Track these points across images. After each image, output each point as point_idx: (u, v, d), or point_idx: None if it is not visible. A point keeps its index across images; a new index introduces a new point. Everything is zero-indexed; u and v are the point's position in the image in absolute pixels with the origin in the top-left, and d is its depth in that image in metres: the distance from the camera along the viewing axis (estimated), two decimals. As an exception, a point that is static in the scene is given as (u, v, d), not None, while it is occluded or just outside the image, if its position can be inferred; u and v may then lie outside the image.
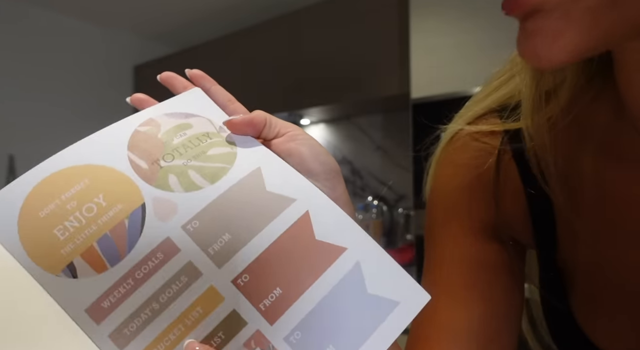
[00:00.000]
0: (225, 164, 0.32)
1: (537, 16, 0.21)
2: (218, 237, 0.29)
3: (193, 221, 0.29)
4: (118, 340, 0.25)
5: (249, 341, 0.27)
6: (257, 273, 0.28)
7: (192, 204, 0.30)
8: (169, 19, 2.46)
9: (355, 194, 2.21)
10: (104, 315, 0.26)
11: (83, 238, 0.27)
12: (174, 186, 0.30)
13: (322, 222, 0.30)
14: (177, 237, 0.28)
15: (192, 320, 0.26)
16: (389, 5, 1.70)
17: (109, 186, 0.29)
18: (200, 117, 0.34)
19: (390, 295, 0.29)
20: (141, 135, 0.32)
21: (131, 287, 0.27)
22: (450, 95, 1.39)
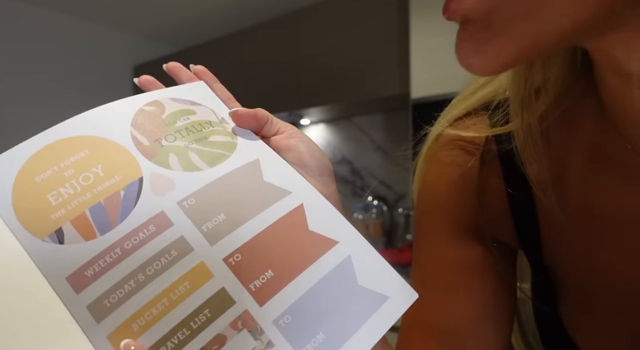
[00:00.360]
0: (225, 151, 0.32)
1: (467, 25, 0.22)
2: (213, 216, 0.29)
3: (189, 199, 0.29)
4: (96, 312, 0.24)
5: (235, 321, 0.26)
6: (249, 254, 0.28)
7: (189, 183, 0.30)
8: (169, 18, 2.46)
9: (355, 194, 2.21)
10: (85, 284, 0.25)
11: (75, 205, 0.27)
12: (173, 165, 0.30)
13: (315, 216, 0.31)
14: (172, 212, 0.28)
15: (177, 294, 0.26)
16: (389, 5, 1.70)
17: (109, 158, 0.29)
18: (204, 106, 0.35)
19: (380, 290, 0.29)
20: (145, 114, 0.32)
21: (118, 257, 0.26)
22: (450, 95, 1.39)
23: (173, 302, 0.25)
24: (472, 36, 0.22)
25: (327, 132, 2.32)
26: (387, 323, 0.28)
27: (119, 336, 0.24)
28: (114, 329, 0.24)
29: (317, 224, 0.31)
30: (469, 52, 0.22)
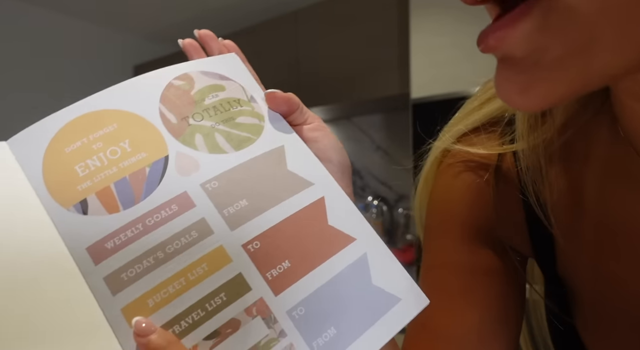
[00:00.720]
0: (252, 135, 0.32)
1: (509, 63, 0.20)
2: (235, 201, 0.29)
3: (212, 181, 0.29)
4: (113, 284, 0.25)
5: (250, 307, 0.26)
6: (268, 242, 0.28)
7: (214, 165, 0.30)
8: (169, 18, 2.46)
9: (355, 194, 2.21)
10: (104, 255, 0.25)
11: (101, 178, 0.27)
12: (199, 145, 0.30)
13: (335, 211, 0.31)
14: (195, 193, 0.28)
15: (195, 275, 0.26)
16: (389, 5, 1.70)
17: (137, 133, 0.29)
18: (234, 82, 0.34)
19: (393, 291, 0.29)
20: (174, 89, 0.32)
21: (139, 233, 0.26)
22: (450, 95, 1.39)
23: (190, 282, 0.26)
24: (517, 76, 0.20)
25: (327, 132, 2.32)
26: (397, 325, 0.28)
27: (133, 310, 0.24)
28: (128, 302, 0.24)
29: (336, 219, 0.31)
30: (513, 92, 0.21)
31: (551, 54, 0.19)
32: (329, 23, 1.88)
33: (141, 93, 0.31)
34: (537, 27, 0.18)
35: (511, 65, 0.20)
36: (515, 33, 0.19)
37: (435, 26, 1.46)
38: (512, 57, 0.20)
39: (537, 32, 0.18)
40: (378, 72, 1.74)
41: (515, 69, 0.20)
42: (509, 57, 0.20)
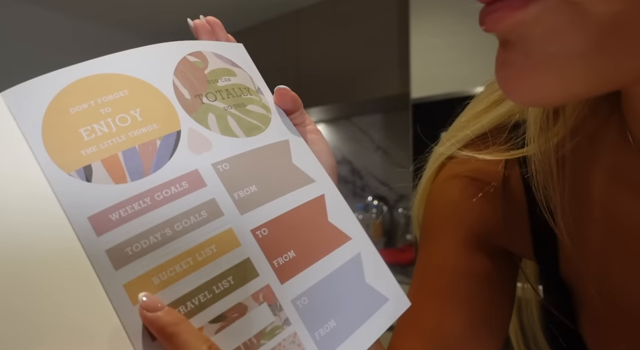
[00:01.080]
0: (261, 124, 0.32)
1: (507, 47, 0.19)
2: (245, 185, 0.28)
3: (224, 163, 0.28)
4: (116, 258, 0.23)
5: (257, 293, 0.26)
6: (275, 230, 0.28)
7: (226, 147, 0.29)
8: (169, 18, 2.46)
9: (355, 194, 2.21)
10: (108, 227, 0.23)
11: (109, 145, 0.25)
12: (211, 125, 0.29)
13: (333, 209, 0.31)
14: (206, 173, 0.27)
15: (204, 256, 0.25)
16: (389, 5, 1.70)
17: (149, 103, 0.28)
18: (243, 70, 0.34)
19: (382, 291, 0.30)
20: (189, 64, 0.31)
21: (147, 206, 0.24)
22: (450, 95, 1.39)
23: (198, 262, 0.25)
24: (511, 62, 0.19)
25: (327, 132, 2.32)
26: (385, 323, 0.29)
27: (137, 287, 0.23)
28: (132, 278, 0.23)
29: (335, 217, 0.31)
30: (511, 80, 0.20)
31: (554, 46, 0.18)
32: (329, 23, 1.88)
33: (155, 62, 0.30)
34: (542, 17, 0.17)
35: (510, 48, 0.19)
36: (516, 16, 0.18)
37: (435, 26, 1.46)
38: (509, 40, 0.19)
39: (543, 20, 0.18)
40: (378, 72, 1.74)
41: (512, 52, 0.19)
42: (507, 40, 0.19)
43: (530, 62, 0.18)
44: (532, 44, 0.18)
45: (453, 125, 0.40)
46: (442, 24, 1.44)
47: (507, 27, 0.18)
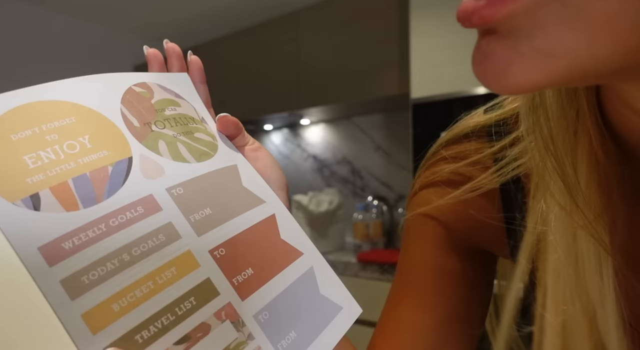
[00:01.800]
0: (210, 150, 0.33)
1: (491, 38, 0.19)
2: (200, 208, 0.29)
3: (178, 187, 0.29)
4: (72, 288, 0.22)
5: (219, 311, 0.26)
6: (232, 250, 0.29)
7: (178, 172, 0.30)
8: (169, 18, 2.46)
9: (355, 194, 2.21)
10: (61, 257, 0.22)
11: (57, 172, 0.24)
12: (163, 151, 0.30)
13: (284, 227, 0.33)
14: (161, 197, 0.27)
15: (164, 279, 0.25)
16: (389, 5, 1.70)
17: (97, 131, 0.27)
18: (187, 102, 0.35)
19: (336, 300, 0.33)
20: (135, 94, 0.31)
21: (102, 233, 0.24)
22: (450, 95, 1.39)
23: (159, 286, 0.24)
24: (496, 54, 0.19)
25: (327, 132, 2.32)
26: (342, 329, 0.31)
27: (96, 316, 0.22)
28: (91, 307, 0.22)
29: (286, 234, 0.33)
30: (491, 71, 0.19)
31: (535, 43, 0.17)
32: (329, 23, 1.88)
33: (102, 91, 0.30)
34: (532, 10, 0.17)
35: (495, 40, 0.19)
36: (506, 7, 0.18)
37: (435, 26, 1.46)
38: (496, 31, 0.19)
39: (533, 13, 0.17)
40: (378, 72, 1.74)
41: (498, 44, 0.19)
42: (493, 31, 0.19)
43: (517, 55, 0.18)
44: (522, 37, 0.18)
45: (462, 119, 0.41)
46: (442, 24, 1.44)
47: (495, 20, 0.18)
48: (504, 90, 0.19)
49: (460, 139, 0.38)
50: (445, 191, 0.38)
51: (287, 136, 2.49)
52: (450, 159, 0.38)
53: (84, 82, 0.29)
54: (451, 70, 1.41)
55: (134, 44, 2.71)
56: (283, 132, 2.51)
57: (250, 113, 2.13)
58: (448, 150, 0.38)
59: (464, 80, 1.37)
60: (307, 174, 2.40)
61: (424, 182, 0.40)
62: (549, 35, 0.17)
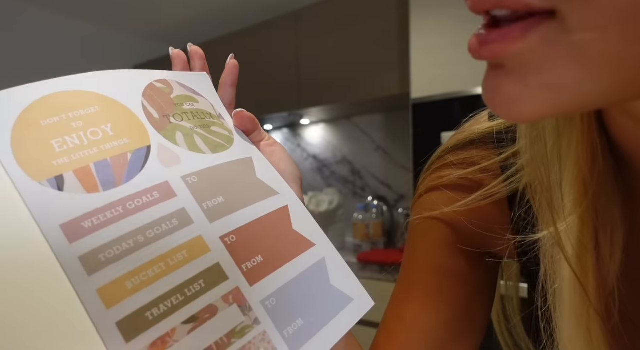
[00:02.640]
0: (225, 143, 0.34)
1: (499, 72, 0.20)
2: (213, 197, 0.30)
3: (193, 176, 0.30)
4: (89, 264, 0.23)
5: (227, 295, 0.27)
6: (243, 237, 0.30)
7: (193, 162, 0.31)
8: (169, 18, 2.46)
9: (355, 194, 2.21)
10: (80, 234, 0.24)
11: (81, 156, 0.26)
12: (180, 142, 0.31)
13: (297, 218, 0.34)
14: (176, 184, 0.29)
15: (175, 261, 0.26)
16: (389, 5, 1.70)
17: (119, 120, 0.29)
18: (205, 99, 0.37)
19: (347, 292, 0.33)
20: (156, 89, 0.33)
21: (119, 215, 0.25)
22: (450, 95, 1.39)
23: (170, 267, 0.26)
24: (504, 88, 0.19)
25: (327, 132, 2.32)
26: (351, 321, 0.31)
27: (110, 291, 0.23)
28: (106, 283, 0.23)
29: (299, 225, 0.34)
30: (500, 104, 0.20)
31: (543, 78, 0.18)
32: (329, 23, 1.88)
33: (125, 84, 0.32)
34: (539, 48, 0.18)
35: (503, 75, 0.20)
36: (516, 46, 0.18)
37: (435, 26, 1.46)
38: (503, 65, 0.19)
39: (540, 51, 0.18)
40: (378, 72, 1.74)
41: (506, 79, 0.19)
42: (501, 65, 0.20)
43: (527, 90, 0.19)
44: (529, 73, 0.19)
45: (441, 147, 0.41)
46: (442, 24, 1.44)
47: (504, 55, 0.19)
48: (512, 120, 0.20)
49: (467, 145, 0.38)
50: (452, 196, 0.38)
51: (287, 136, 2.49)
52: (457, 164, 0.38)
53: (108, 76, 0.31)
54: (451, 70, 1.41)
55: (134, 44, 2.71)
56: (283, 132, 2.51)
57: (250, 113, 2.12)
58: (455, 156, 0.39)
59: (464, 80, 1.37)
60: (307, 174, 2.40)
61: (430, 186, 0.40)
62: (556, 71, 0.18)
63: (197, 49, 0.39)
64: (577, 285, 0.28)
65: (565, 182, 0.28)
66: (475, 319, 0.40)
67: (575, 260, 0.28)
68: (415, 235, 0.41)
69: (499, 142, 0.36)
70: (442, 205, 0.38)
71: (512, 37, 0.18)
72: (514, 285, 0.44)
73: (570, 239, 0.29)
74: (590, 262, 0.28)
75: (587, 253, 0.28)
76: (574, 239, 0.28)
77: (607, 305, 0.29)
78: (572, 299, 0.29)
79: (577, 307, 0.29)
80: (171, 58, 0.38)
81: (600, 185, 0.28)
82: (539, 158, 0.30)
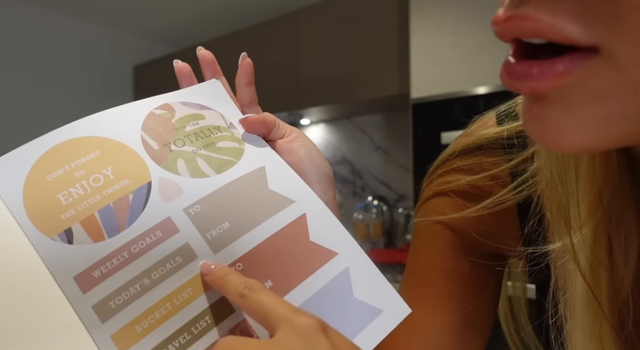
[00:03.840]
0: (233, 158, 0.33)
1: (543, 102, 0.19)
2: (217, 224, 0.29)
3: (195, 206, 0.30)
4: (101, 313, 0.25)
5: (234, 328, 0.27)
6: (251, 263, 0.29)
7: (196, 189, 0.30)
8: (169, 18, 2.46)
9: (355, 194, 2.21)
10: (92, 284, 0.25)
11: (85, 206, 0.27)
12: (181, 170, 0.31)
13: (317, 226, 0.32)
14: (178, 218, 0.29)
15: (181, 300, 0.26)
16: (389, 5, 1.70)
17: (119, 161, 0.30)
18: (214, 111, 0.35)
19: (374, 303, 0.30)
20: (156, 117, 0.33)
21: (125, 260, 0.26)
22: (450, 95, 1.39)
23: (176, 307, 0.26)
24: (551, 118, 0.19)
25: (327, 132, 2.32)
26: (379, 336, 0.29)
27: (122, 337, 0.25)
28: (118, 329, 0.25)
29: (318, 234, 0.31)
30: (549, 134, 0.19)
31: (600, 110, 0.18)
32: (329, 23, 1.88)
33: (123, 121, 0.32)
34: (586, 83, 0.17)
35: (549, 104, 0.19)
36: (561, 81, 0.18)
37: (435, 26, 1.46)
38: (546, 96, 0.19)
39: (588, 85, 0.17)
40: (378, 72, 1.74)
41: (552, 110, 0.19)
42: (544, 96, 0.19)
43: (573, 120, 0.18)
44: (575, 105, 0.18)
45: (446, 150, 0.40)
46: (442, 24, 1.44)
47: (548, 89, 0.18)
48: (560, 150, 0.20)
49: (475, 150, 0.37)
50: (460, 202, 0.37)
51: (287, 136, 2.48)
52: (466, 170, 0.37)
53: (108, 115, 0.32)
54: (451, 70, 1.41)
55: (134, 44, 2.71)
56: (283, 132, 2.50)
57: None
58: (462, 161, 0.37)
59: (464, 80, 1.37)
60: (307, 174, 2.40)
61: (437, 191, 0.39)
62: (606, 105, 0.17)
63: (206, 54, 0.37)
64: (590, 296, 0.28)
65: (580, 191, 0.28)
66: (481, 323, 0.39)
67: (589, 272, 0.28)
68: (422, 239, 0.40)
69: (509, 147, 0.35)
70: (450, 210, 0.38)
71: (556, 73, 0.18)
72: (521, 286, 0.44)
73: (584, 250, 0.28)
74: (604, 274, 0.28)
75: (600, 265, 0.28)
76: (588, 250, 0.28)
77: (620, 315, 0.29)
78: (584, 310, 0.28)
79: (589, 318, 0.28)
80: (176, 72, 0.37)
81: (615, 194, 0.27)
82: (554, 166, 0.29)
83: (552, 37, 0.17)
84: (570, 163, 0.28)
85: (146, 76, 2.63)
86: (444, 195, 0.39)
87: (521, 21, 0.18)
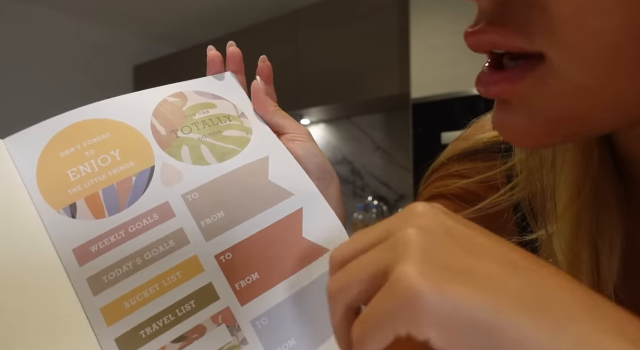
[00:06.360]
0: (237, 147, 0.33)
1: (506, 106, 0.22)
2: (213, 212, 0.30)
3: (193, 193, 0.31)
4: (94, 285, 0.26)
5: (216, 315, 0.28)
6: (240, 254, 0.30)
7: (196, 176, 0.31)
8: (169, 18, 2.46)
9: (355, 194, 2.21)
10: (88, 258, 0.27)
11: (91, 184, 0.29)
12: (184, 156, 0.32)
13: (312, 221, 0.32)
14: (175, 204, 0.30)
15: (169, 282, 0.27)
16: (389, 5, 1.70)
17: (127, 144, 0.31)
18: (226, 100, 0.36)
19: None
20: (168, 104, 0.34)
21: (121, 238, 0.28)
22: (450, 95, 1.39)
23: (164, 288, 0.27)
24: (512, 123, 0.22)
25: (327, 132, 2.32)
26: None
27: (111, 311, 0.26)
28: (107, 303, 0.26)
29: (311, 230, 0.31)
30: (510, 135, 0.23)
31: (546, 113, 0.20)
32: (329, 23, 1.88)
33: (137, 106, 0.33)
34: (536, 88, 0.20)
35: (509, 109, 0.22)
36: (516, 87, 0.20)
37: (435, 26, 1.46)
38: (509, 101, 0.21)
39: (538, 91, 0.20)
40: (378, 72, 1.74)
41: (513, 115, 0.21)
42: (507, 101, 0.21)
43: (531, 124, 0.21)
44: (534, 109, 0.20)
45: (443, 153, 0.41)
46: (442, 24, 1.44)
47: (508, 96, 0.21)
48: (521, 147, 0.22)
49: (472, 154, 0.37)
50: (456, 204, 0.37)
51: (287, 136, 2.49)
52: (463, 174, 0.37)
53: (122, 100, 0.33)
54: (451, 70, 1.41)
55: (134, 44, 2.71)
56: (283, 132, 2.51)
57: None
58: (460, 165, 0.38)
59: (464, 80, 1.37)
60: (307, 174, 2.41)
61: (434, 193, 0.39)
62: (554, 107, 0.20)
63: (235, 51, 0.39)
64: None
65: (557, 185, 0.29)
66: None
67: (566, 265, 0.28)
68: None
69: (505, 150, 0.35)
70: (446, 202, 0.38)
71: (511, 80, 0.20)
72: None
73: (561, 243, 0.29)
74: (583, 267, 0.28)
75: (577, 258, 0.28)
76: (565, 243, 0.29)
77: None
78: None
79: None
80: (208, 58, 0.39)
81: (593, 189, 0.28)
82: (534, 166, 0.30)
83: (506, 48, 0.20)
84: (547, 158, 0.29)
85: (146, 76, 2.63)
86: (441, 197, 0.39)
87: (480, 35, 0.21)
